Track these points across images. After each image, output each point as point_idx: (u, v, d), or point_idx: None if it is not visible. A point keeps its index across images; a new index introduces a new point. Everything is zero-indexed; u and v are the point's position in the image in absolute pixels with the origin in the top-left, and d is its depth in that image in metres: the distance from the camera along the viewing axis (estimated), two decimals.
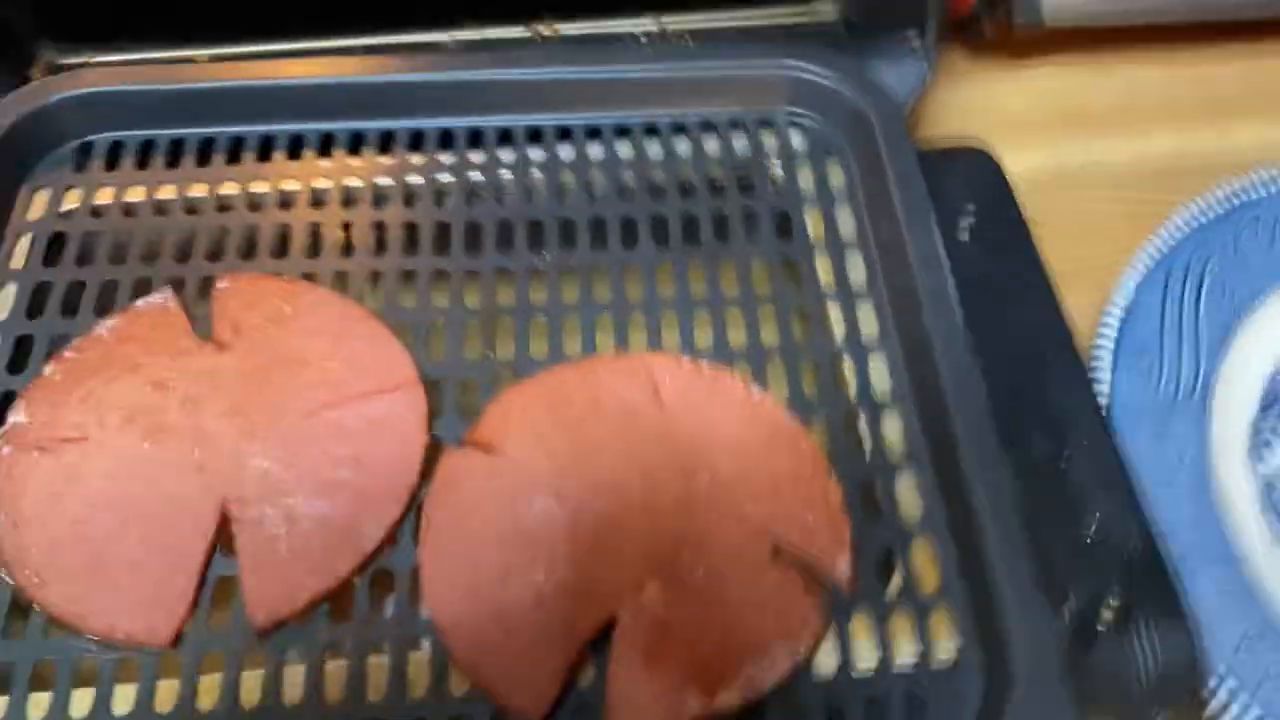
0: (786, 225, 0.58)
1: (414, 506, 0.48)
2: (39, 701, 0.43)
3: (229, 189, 0.59)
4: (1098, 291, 0.62)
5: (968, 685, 0.43)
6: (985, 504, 0.46)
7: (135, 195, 0.58)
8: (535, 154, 0.61)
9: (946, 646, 0.45)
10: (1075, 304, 0.56)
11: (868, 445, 0.50)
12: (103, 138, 0.60)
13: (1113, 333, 0.59)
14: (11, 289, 0.54)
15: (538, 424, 0.49)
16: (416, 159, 0.60)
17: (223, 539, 0.47)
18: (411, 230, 0.57)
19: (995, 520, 0.45)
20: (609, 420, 0.49)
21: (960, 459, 0.47)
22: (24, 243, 0.56)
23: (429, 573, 0.45)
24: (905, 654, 0.44)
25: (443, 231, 0.57)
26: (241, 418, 0.49)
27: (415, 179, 0.59)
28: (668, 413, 0.50)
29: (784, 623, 0.44)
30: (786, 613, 0.44)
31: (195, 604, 0.45)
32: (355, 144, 0.61)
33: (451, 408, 0.51)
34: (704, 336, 0.53)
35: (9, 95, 0.59)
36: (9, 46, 0.65)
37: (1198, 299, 0.61)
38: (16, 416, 0.49)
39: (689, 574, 0.45)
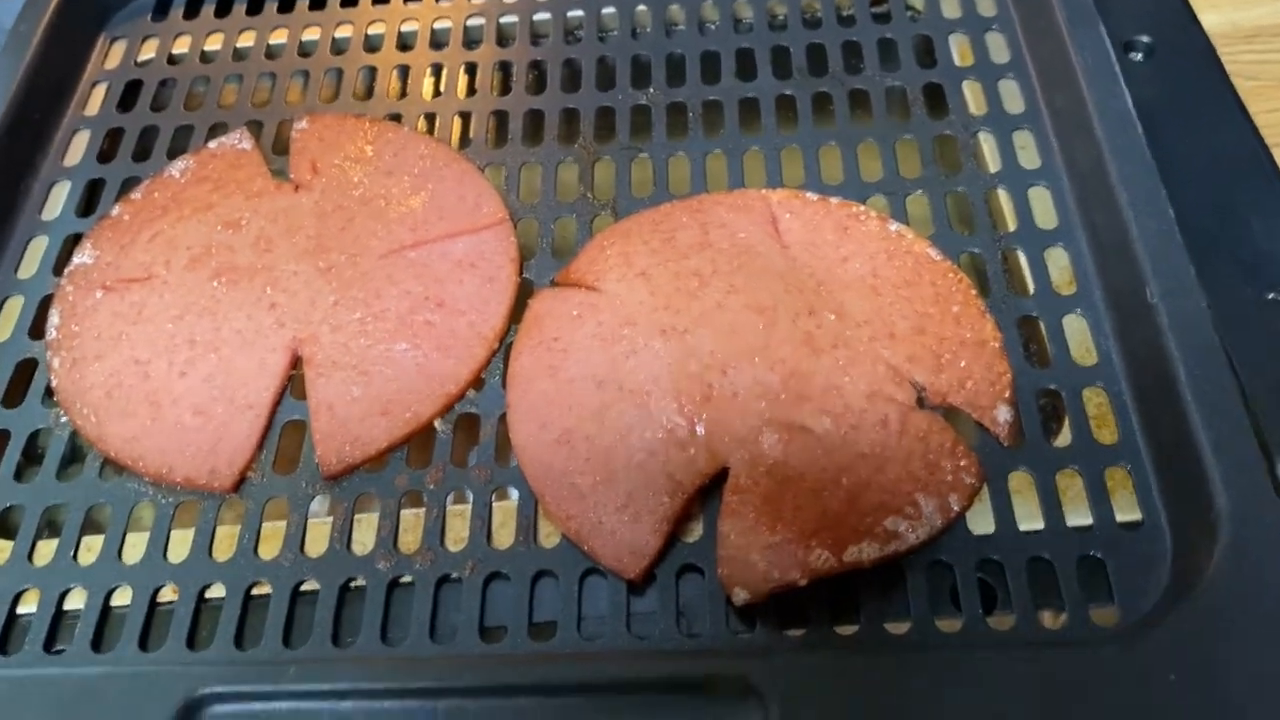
0: (928, 53, 0.50)
1: (503, 350, 0.42)
2: (91, 545, 0.39)
3: (312, 34, 0.54)
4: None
5: (1157, 546, 0.36)
6: (1177, 345, 0.37)
7: (213, 43, 0.54)
8: None
9: (1129, 504, 0.37)
10: None
11: (1031, 285, 0.42)
12: None
13: None
14: (84, 135, 0.51)
15: (639, 260, 0.43)
16: None
17: (293, 383, 0.42)
18: (505, 70, 0.52)
19: (1190, 363, 0.37)
20: (720, 256, 0.43)
21: (1146, 297, 0.39)
22: (99, 91, 0.53)
23: (516, 415, 0.40)
24: (1078, 514, 0.37)
25: (539, 71, 0.52)
26: (318, 257, 0.45)
27: (509, 19, 0.54)
28: (789, 249, 0.43)
29: (932, 475, 0.37)
30: (935, 464, 0.37)
31: (260, 448, 0.40)
32: None
33: (545, 250, 0.45)
34: (833, 172, 0.46)
35: None
36: None
37: None
38: (81, 257, 0.46)
39: (814, 422, 0.38)
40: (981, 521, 0.37)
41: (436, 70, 0.52)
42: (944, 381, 0.39)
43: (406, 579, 0.37)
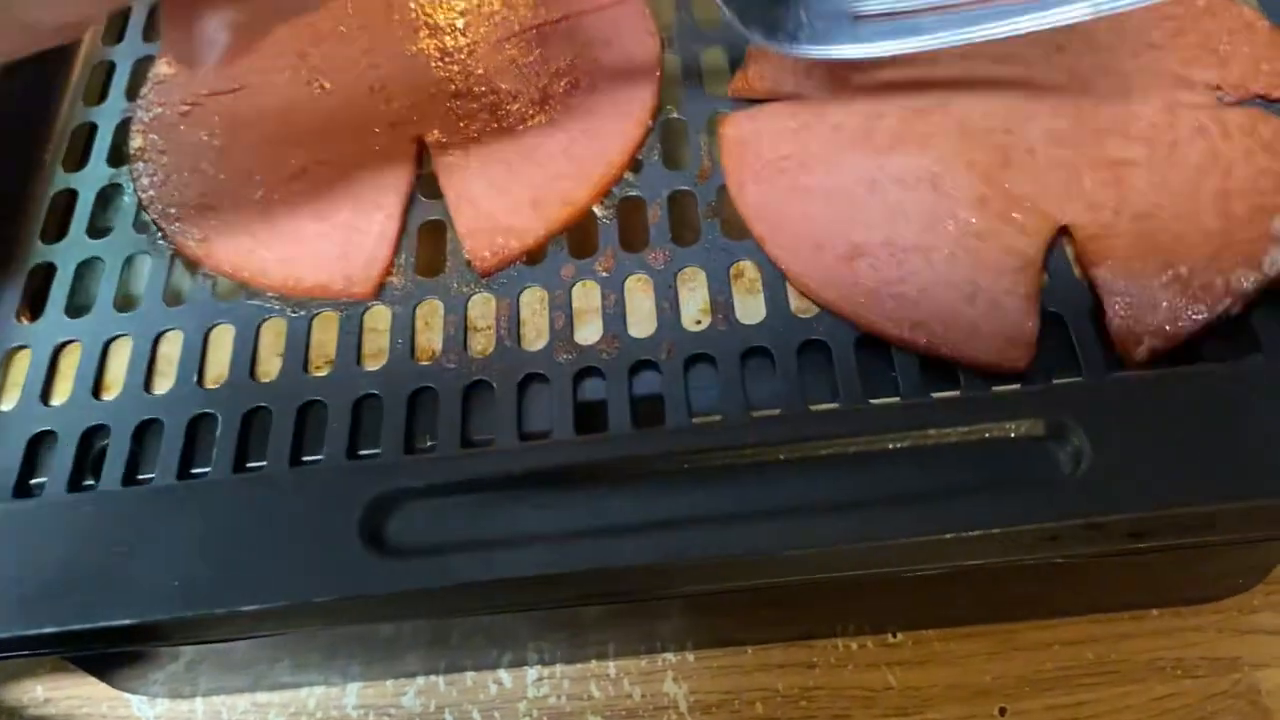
0: None
1: (659, 129, 0.37)
2: (218, 365, 0.33)
3: None
4: None
5: None
6: None
7: None
8: None
9: None
10: None
11: None
12: None
13: None
14: None
15: None
16: None
17: (423, 182, 0.37)
18: None
19: None
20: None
21: None
22: None
23: (778, 247, 0.33)
24: None
25: None
26: (430, 48, 0.39)
27: None
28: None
29: (1274, 180, 0.32)
30: (1268, 168, 0.32)
31: (397, 250, 0.35)
32: None
33: (686, 21, 0.40)
34: None
35: None
36: None
37: None
38: (158, 76, 0.40)
39: (1128, 152, 0.33)
40: None
41: None
42: (1235, 73, 0.34)
43: (592, 369, 0.32)
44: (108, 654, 0.36)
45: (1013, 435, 0.26)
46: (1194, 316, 0.29)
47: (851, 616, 0.39)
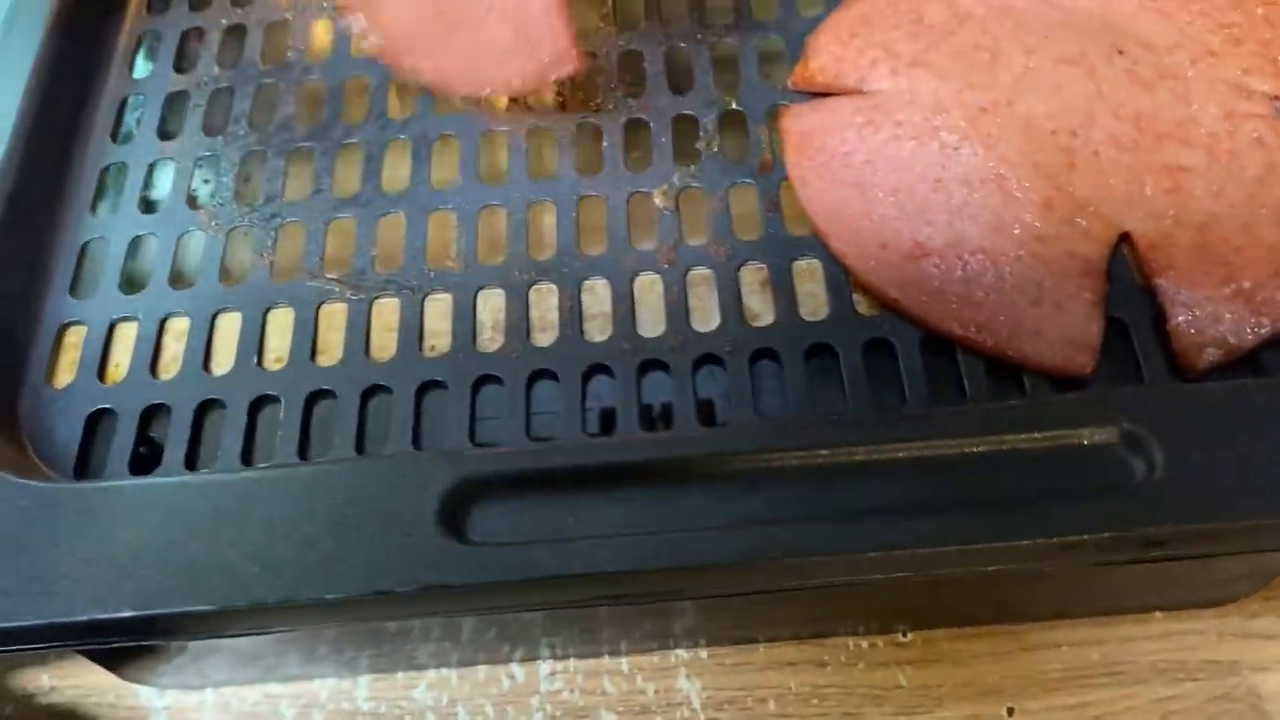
0: None
1: (716, 118, 0.37)
2: (277, 343, 0.33)
3: None
4: None
5: None
6: None
7: None
8: None
9: None
10: None
11: None
12: None
13: None
14: None
15: (902, 48, 0.37)
16: None
17: None
18: None
19: None
20: (988, 23, 0.37)
21: None
22: None
23: (841, 244, 0.33)
24: None
25: None
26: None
27: None
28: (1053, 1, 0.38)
29: None
30: None
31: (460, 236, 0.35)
32: None
33: (744, 8, 0.40)
34: None
35: None
36: None
37: None
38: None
39: (1187, 159, 0.33)
40: None
41: None
42: None
43: (656, 362, 0.32)
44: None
45: (1085, 442, 0.26)
46: (1258, 330, 0.30)
47: (864, 616, 0.39)
